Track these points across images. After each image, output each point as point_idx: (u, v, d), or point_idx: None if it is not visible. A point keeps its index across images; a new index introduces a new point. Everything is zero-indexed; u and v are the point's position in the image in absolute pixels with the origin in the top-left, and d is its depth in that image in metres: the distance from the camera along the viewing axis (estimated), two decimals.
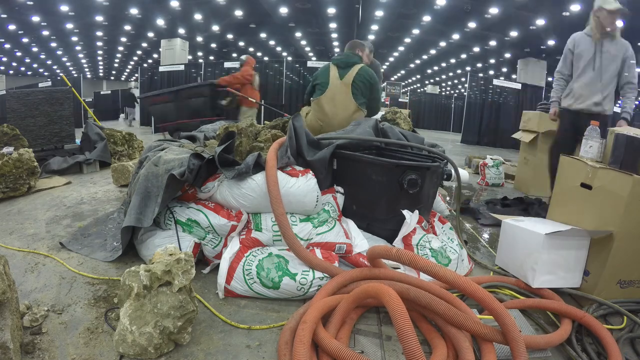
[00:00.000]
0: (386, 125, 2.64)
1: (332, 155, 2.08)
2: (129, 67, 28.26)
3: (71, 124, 4.48)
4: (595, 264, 1.75)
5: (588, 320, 1.45)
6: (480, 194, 4.11)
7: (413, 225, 1.93)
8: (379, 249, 1.47)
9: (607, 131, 2.00)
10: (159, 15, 13.17)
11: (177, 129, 5.24)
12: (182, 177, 1.80)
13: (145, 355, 1.23)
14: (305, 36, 16.95)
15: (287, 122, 2.79)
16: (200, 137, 2.99)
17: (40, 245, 2.06)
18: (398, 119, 3.88)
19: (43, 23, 14.71)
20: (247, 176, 1.84)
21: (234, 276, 1.63)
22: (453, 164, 2.25)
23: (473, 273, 2.04)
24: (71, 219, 2.49)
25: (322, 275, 1.63)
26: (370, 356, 1.30)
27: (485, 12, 11.26)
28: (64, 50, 20.98)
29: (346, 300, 1.39)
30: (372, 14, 12.54)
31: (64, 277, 1.74)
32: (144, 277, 1.26)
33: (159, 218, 1.91)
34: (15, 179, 2.89)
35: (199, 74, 10.84)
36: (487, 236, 2.72)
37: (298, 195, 1.83)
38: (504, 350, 1.30)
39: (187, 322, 1.30)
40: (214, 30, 15.38)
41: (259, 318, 1.51)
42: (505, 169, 4.83)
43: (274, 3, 12.29)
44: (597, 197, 1.79)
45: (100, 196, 3.07)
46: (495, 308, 1.22)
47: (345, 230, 1.96)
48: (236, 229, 1.82)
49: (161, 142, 2.49)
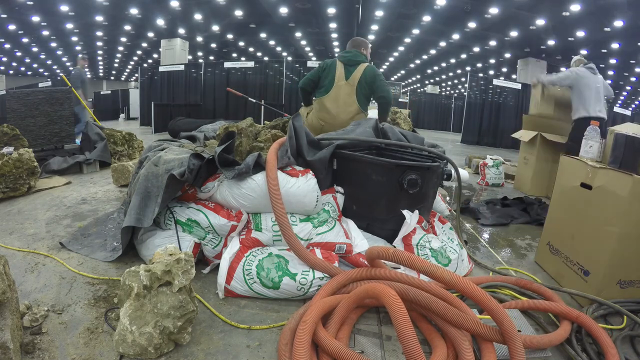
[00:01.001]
0: (386, 126, 2.64)
1: (332, 155, 2.08)
2: (129, 67, 28.24)
3: (71, 124, 4.47)
4: (595, 264, 1.75)
5: (583, 320, 1.45)
6: (480, 194, 4.11)
7: (413, 225, 1.93)
8: (377, 250, 1.47)
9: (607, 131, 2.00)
10: (159, 15, 13.16)
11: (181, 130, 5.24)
12: (182, 177, 1.80)
13: (145, 355, 1.23)
14: (305, 36, 16.93)
15: (287, 122, 2.79)
16: (200, 137, 2.99)
17: (40, 245, 2.06)
18: (398, 119, 3.89)
19: (43, 23, 14.69)
20: (247, 176, 1.84)
21: (234, 276, 1.63)
22: (453, 164, 2.25)
23: (473, 273, 2.04)
24: (71, 219, 2.49)
25: (322, 275, 1.63)
26: (370, 356, 1.30)
27: (485, 12, 11.25)
28: (64, 50, 20.97)
29: (346, 301, 1.39)
30: (372, 14, 12.53)
31: (64, 277, 1.74)
32: (144, 277, 1.26)
33: (159, 218, 1.91)
34: (15, 179, 2.89)
35: (199, 74, 10.84)
36: (487, 236, 2.72)
37: (298, 195, 1.83)
38: (504, 350, 1.30)
39: (187, 322, 1.30)
40: (214, 30, 15.36)
41: (259, 318, 1.51)
42: (505, 169, 4.83)
43: (274, 3, 12.28)
44: (597, 197, 1.79)
45: (100, 196, 3.07)
46: (492, 307, 1.22)
47: (345, 230, 1.96)
48: (236, 229, 1.82)
49: (161, 142, 2.49)
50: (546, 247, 2.16)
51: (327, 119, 2.85)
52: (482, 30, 12.91)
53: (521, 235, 2.77)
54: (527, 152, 4.27)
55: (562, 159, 2.13)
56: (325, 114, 2.85)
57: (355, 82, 2.79)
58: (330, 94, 2.82)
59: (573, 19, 10.58)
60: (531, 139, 4.11)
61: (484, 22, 12.10)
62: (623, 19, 9.99)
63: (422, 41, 15.67)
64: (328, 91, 2.82)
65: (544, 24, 11.24)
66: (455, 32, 13.98)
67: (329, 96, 2.82)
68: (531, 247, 2.54)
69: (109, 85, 32.08)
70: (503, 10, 10.88)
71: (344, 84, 2.80)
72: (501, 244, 2.57)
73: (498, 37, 13.87)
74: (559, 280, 2.00)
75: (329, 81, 2.84)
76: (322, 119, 2.87)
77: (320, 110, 2.88)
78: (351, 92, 2.79)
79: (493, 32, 13.22)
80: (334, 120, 2.82)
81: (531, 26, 11.67)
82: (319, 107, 2.89)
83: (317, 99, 2.90)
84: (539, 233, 2.44)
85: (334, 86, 2.81)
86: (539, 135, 4.02)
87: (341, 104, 2.80)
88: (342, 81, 2.81)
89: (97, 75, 31.94)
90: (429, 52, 18.02)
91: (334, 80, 2.81)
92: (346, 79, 2.81)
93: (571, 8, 9.94)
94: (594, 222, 1.78)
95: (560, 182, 2.11)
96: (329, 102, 2.83)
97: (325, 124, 2.86)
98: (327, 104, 2.83)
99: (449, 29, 13.65)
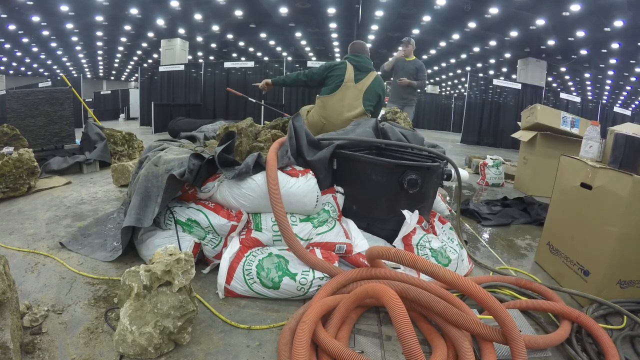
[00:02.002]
0: (386, 126, 2.64)
1: (332, 155, 2.08)
2: (129, 67, 28.24)
3: (71, 124, 4.48)
4: (595, 264, 1.75)
5: (583, 320, 1.45)
6: (480, 194, 4.11)
7: (413, 225, 1.93)
8: (378, 250, 1.47)
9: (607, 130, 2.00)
10: (159, 15, 13.16)
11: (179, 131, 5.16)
12: (182, 177, 1.80)
13: (145, 355, 1.23)
14: (305, 36, 16.94)
15: (287, 122, 2.79)
16: (200, 137, 2.99)
17: (40, 245, 2.06)
18: (398, 119, 3.88)
19: (43, 23, 14.69)
20: (247, 176, 1.84)
21: (234, 276, 1.63)
22: (453, 164, 2.25)
23: (473, 273, 2.04)
24: (71, 219, 2.49)
25: (322, 275, 1.63)
26: (370, 356, 1.30)
27: (485, 12, 11.25)
28: (64, 50, 20.98)
29: (346, 300, 1.39)
30: (372, 14, 12.53)
31: (64, 277, 1.74)
32: (144, 277, 1.26)
33: (159, 218, 1.91)
34: (15, 179, 2.89)
35: (199, 74, 10.84)
36: (487, 236, 2.72)
37: (298, 195, 1.83)
38: (504, 350, 1.30)
39: (187, 322, 1.30)
40: (214, 30, 15.36)
41: (259, 318, 1.51)
42: (505, 169, 4.83)
43: (274, 3, 12.28)
44: (597, 197, 1.79)
45: (100, 196, 3.07)
46: (494, 307, 1.22)
47: (345, 230, 1.96)
48: (236, 229, 1.82)
49: (161, 142, 2.49)
50: (546, 247, 2.16)
51: (330, 117, 2.85)
52: (482, 30, 12.91)
53: (521, 235, 2.77)
54: (527, 152, 4.27)
55: (562, 159, 2.13)
56: (329, 113, 2.85)
57: (364, 88, 2.80)
58: (337, 94, 2.81)
59: (573, 19, 10.58)
60: (531, 138, 4.11)
61: (484, 22, 12.10)
62: (623, 19, 10.00)
63: (422, 41, 15.66)
64: (334, 91, 2.82)
65: (544, 24, 11.25)
66: (455, 32, 13.99)
67: (334, 95, 2.81)
68: (531, 247, 2.54)
69: (109, 85, 32.09)
70: (503, 10, 10.88)
71: (352, 86, 2.80)
72: (501, 244, 2.57)
73: (498, 37, 13.87)
74: (559, 280, 2.00)
75: (337, 81, 2.83)
76: (324, 116, 2.87)
77: (323, 107, 2.88)
78: (358, 96, 2.80)
79: (493, 32, 13.22)
80: (336, 120, 2.82)
81: (531, 26, 11.67)
82: (323, 105, 2.88)
83: (322, 97, 2.89)
84: (539, 233, 2.44)
85: (341, 86, 2.80)
86: (539, 135, 4.02)
87: (346, 104, 2.80)
88: (351, 83, 2.81)
89: (97, 75, 31.94)
90: (429, 52, 18.02)
91: (342, 81, 2.81)
92: (355, 82, 2.81)
93: (571, 8, 9.95)
94: (594, 222, 1.78)
95: (560, 182, 2.11)
96: (334, 102, 2.82)
97: (327, 123, 2.86)
98: (331, 102, 2.83)
99: (449, 29, 13.66)
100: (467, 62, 19.40)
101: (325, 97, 2.86)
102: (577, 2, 9.63)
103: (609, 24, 10.62)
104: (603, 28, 11.01)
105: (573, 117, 3.96)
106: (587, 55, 14.28)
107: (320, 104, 2.91)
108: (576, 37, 12.06)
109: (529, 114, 4.18)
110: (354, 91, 2.80)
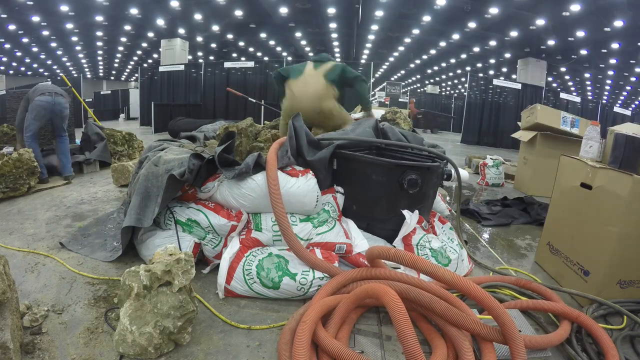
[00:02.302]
0: (386, 126, 2.64)
1: (332, 155, 2.08)
2: (129, 67, 28.22)
3: (71, 124, 4.47)
4: (595, 264, 1.75)
5: (583, 320, 1.45)
6: (480, 194, 4.11)
7: (413, 225, 1.93)
8: (378, 250, 1.47)
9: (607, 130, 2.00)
10: (159, 15, 13.15)
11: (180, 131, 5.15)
12: (182, 177, 1.80)
13: (145, 355, 1.23)
14: (305, 36, 16.92)
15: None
16: (200, 137, 2.99)
17: (40, 245, 2.06)
18: (398, 119, 3.89)
19: (43, 23, 14.68)
20: (247, 176, 1.84)
21: (234, 276, 1.63)
22: (453, 164, 2.25)
23: (473, 273, 2.04)
24: (71, 219, 2.49)
25: (322, 275, 1.63)
26: (370, 356, 1.30)
27: (485, 12, 11.24)
28: (64, 50, 20.97)
29: (346, 301, 1.39)
30: (372, 14, 12.52)
31: (64, 277, 1.74)
32: (144, 277, 1.26)
33: (159, 218, 1.91)
34: (15, 179, 2.89)
35: (199, 74, 10.84)
36: (487, 236, 2.72)
37: (298, 195, 1.83)
38: (504, 350, 1.30)
39: (187, 322, 1.30)
40: (214, 30, 15.35)
41: (259, 318, 1.51)
42: (505, 169, 4.83)
43: (274, 3, 12.28)
44: (597, 197, 1.79)
45: (100, 196, 3.07)
46: (494, 307, 1.22)
47: (345, 230, 1.96)
48: (236, 229, 1.82)
49: (161, 142, 2.49)
50: (546, 247, 2.16)
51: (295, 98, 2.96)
52: (482, 30, 12.90)
53: (521, 235, 2.77)
54: (527, 152, 4.27)
55: (562, 158, 2.13)
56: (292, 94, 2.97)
57: (323, 71, 2.93)
58: (300, 79, 2.96)
59: (573, 19, 10.57)
60: (531, 138, 4.11)
61: (484, 22, 12.09)
62: (623, 19, 9.99)
63: (422, 41, 15.67)
64: (298, 78, 2.97)
65: (544, 24, 11.24)
66: (455, 32, 13.98)
67: (298, 80, 2.96)
68: (531, 247, 2.54)
69: (109, 85, 32.08)
70: (503, 10, 10.87)
71: (313, 72, 2.96)
72: (501, 244, 2.57)
73: (498, 37, 13.86)
74: (559, 280, 2.00)
75: (298, 72, 3.00)
76: (290, 98, 2.99)
77: (289, 90, 3.00)
78: (319, 75, 2.93)
79: (493, 32, 13.21)
80: (302, 97, 2.91)
81: (531, 26, 11.66)
82: (288, 90, 3.01)
83: (287, 82, 3.03)
84: (539, 233, 2.44)
85: (303, 74, 2.96)
86: (539, 135, 4.02)
87: (309, 84, 2.93)
88: (312, 71, 2.97)
89: (97, 75, 31.93)
90: (429, 52, 18.01)
91: (303, 72, 2.97)
92: (315, 69, 2.98)
93: (571, 8, 9.94)
94: (593, 222, 1.78)
95: (560, 182, 2.11)
96: (297, 85, 2.95)
97: (294, 102, 2.96)
98: (296, 86, 2.95)
99: (449, 29, 13.65)
100: (467, 62, 19.39)
101: (290, 81, 2.99)
102: (577, 2, 9.62)
103: (609, 24, 10.61)
104: (603, 28, 11.00)
105: (573, 117, 3.96)
106: (587, 55, 14.27)
107: (288, 92, 3.01)
108: (576, 37, 12.05)
109: (529, 114, 4.18)
110: (314, 74, 2.95)
